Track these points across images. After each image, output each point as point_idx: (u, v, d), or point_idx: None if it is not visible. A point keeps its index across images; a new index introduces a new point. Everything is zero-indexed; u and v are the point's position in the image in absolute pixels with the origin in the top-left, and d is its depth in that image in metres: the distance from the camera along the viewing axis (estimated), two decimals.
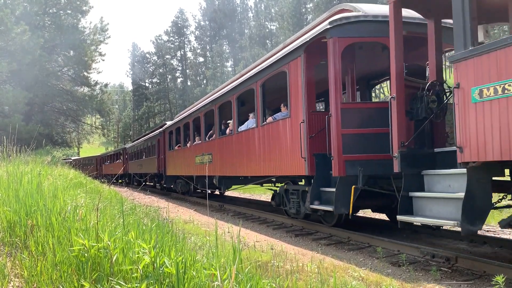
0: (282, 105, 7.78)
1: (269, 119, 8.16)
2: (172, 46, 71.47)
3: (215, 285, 2.34)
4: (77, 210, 3.96)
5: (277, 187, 8.94)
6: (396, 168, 5.08)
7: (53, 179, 6.22)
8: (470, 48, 4.03)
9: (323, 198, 6.66)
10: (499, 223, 4.54)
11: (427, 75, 6.18)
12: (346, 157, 5.97)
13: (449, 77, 7.54)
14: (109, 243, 2.67)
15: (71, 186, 6.92)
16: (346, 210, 6.03)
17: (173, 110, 63.76)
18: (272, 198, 9.00)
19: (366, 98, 8.97)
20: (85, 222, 3.55)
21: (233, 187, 12.14)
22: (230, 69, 66.89)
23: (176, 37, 71.54)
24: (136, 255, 2.67)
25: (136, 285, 2.41)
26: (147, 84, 71.52)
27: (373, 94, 20.37)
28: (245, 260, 3.79)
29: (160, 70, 70.62)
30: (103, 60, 54.82)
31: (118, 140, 67.64)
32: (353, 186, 5.95)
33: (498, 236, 6.39)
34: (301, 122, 6.70)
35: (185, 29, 72.57)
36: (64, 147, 43.06)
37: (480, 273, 4.40)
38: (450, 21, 4.83)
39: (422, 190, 4.99)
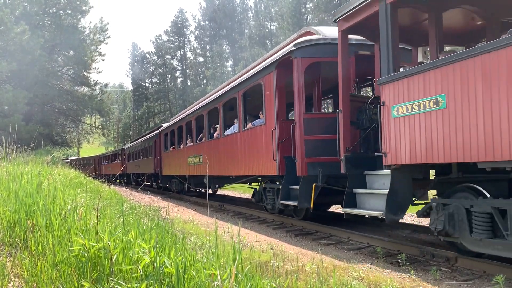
0: (260, 112, 8.58)
1: (249, 125, 9.04)
2: (172, 46, 71.42)
3: (215, 285, 2.34)
4: (77, 210, 3.96)
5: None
6: (342, 169, 6.07)
7: (53, 179, 6.22)
8: (391, 74, 5.02)
9: (291, 195, 7.60)
10: (416, 213, 5.32)
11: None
12: (308, 160, 6.92)
13: None
14: (109, 243, 2.68)
15: (71, 186, 6.92)
16: (308, 205, 6.97)
17: (173, 110, 63.74)
18: (253, 196, 10.06)
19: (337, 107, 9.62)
20: (85, 222, 3.55)
21: (226, 186, 12.90)
22: (230, 69, 66.87)
23: (176, 37, 71.50)
24: (136, 255, 2.67)
25: (136, 285, 2.41)
26: (147, 84, 71.47)
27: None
28: (245, 260, 3.79)
29: (160, 70, 70.56)
30: (103, 60, 54.92)
31: (118, 140, 67.60)
32: (314, 184, 6.85)
33: None
34: (273, 129, 7.66)
35: (185, 29, 72.53)
36: (64, 147, 43.07)
37: (480, 273, 4.40)
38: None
39: (365, 187, 5.86)
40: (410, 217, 9.14)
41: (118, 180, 28.71)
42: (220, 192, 16.80)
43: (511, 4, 5.55)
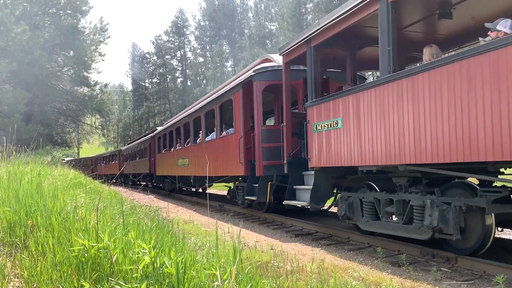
0: (233, 122, 9.89)
1: (224, 133, 10.60)
2: (172, 46, 71.42)
3: (215, 285, 2.34)
4: (77, 210, 3.96)
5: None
6: (285, 171, 7.65)
7: (53, 179, 6.22)
8: (313, 100, 6.75)
9: (254, 192, 9.04)
10: (330, 205, 7.29)
11: None
12: (264, 163, 8.51)
13: None
14: (109, 243, 2.67)
15: (71, 186, 6.92)
16: (265, 200, 8.66)
17: (173, 110, 63.70)
18: (228, 193, 11.72)
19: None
20: (85, 222, 3.55)
21: (214, 185, 13.98)
22: (230, 69, 66.86)
23: (176, 37, 71.49)
24: (136, 255, 2.66)
25: (136, 285, 2.40)
26: (147, 84, 71.46)
27: None
28: (245, 260, 3.79)
29: (160, 70, 70.55)
30: (103, 60, 54.91)
31: (118, 140, 67.56)
32: (269, 183, 8.44)
33: (497, 236, 6.39)
34: (240, 137, 9.17)
35: (185, 29, 72.53)
36: (64, 147, 43.06)
37: (480, 273, 4.40)
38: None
39: (303, 184, 7.40)
40: None
41: (115, 180, 29.15)
42: (209, 190, 17.64)
43: (411, 43, 6.77)
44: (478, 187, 4.64)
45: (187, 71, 71.49)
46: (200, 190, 16.05)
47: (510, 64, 3.71)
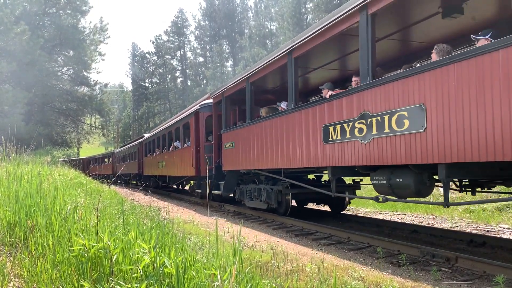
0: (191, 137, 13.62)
1: (185, 145, 14.35)
2: (172, 46, 71.44)
3: (215, 285, 2.34)
4: (77, 210, 3.96)
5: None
6: (213, 172, 11.41)
7: (53, 179, 6.21)
8: (224, 129, 10.56)
9: (200, 187, 13.38)
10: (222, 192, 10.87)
11: None
12: (207, 167, 11.66)
13: None
14: (109, 243, 2.67)
15: (71, 186, 6.91)
16: (204, 192, 12.84)
17: (173, 110, 63.71)
18: (189, 188, 16.50)
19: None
20: (85, 222, 3.55)
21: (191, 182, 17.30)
22: (230, 69, 66.85)
23: (176, 37, 71.52)
24: (136, 255, 2.66)
25: (136, 285, 2.40)
26: (147, 84, 71.47)
27: None
28: (245, 260, 3.79)
29: (160, 70, 70.59)
30: (103, 60, 54.86)
31: (118, 140, 67.52)
32: (210, 181, 11.48)
33: (498, 236, 6.39)
34: (193, 149, 12.89)
35: (185, 29, 72.55)
36: (64, 147, 43.04)
37: (480, 273, 4.40)
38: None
39: (222, 180, 10.84)
40: (410, 217, 9.14)
41: (108, 180, 31.04)
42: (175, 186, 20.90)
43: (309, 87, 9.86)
44: (281, 179, 8.12)
45: (187, 71, 71.48)
46: (175, 186, 20.44)
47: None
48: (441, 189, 6.09)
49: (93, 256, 2.73)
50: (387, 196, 5.41)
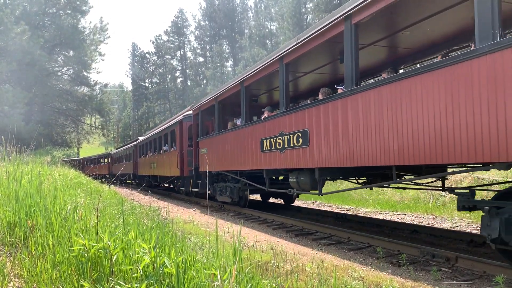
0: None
1: (172, 149, 16.20)
2: (172, 46, 71.37)
3: (215, 285, 2.34)
4: (77, 210, 3.96)
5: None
6: (193, 172, 13.12)
7: (53, 179, 6.21)
8: (200, 137, 12.73)
9: (184, 186, 14.91)
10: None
11: None
12: (188, 168, 14.03)
13: None
14: (109, 243, 2.67)
15: (71, 186, 6.91)
16: (189, 189, 14.16)
17: (173, 110, 63.66)
18: (174, 186, 18.17)
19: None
20: (85, 222, 3.55)
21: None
22: (230, 69, 66.81)
23: (176, 37, 71.45)
24: (136, 255, 2.66)
25: (136, 285, 2.40)
26: (147, 84, 71.43)
27: None
28: (245, 260, 3.78)
29: (160, 70, 70.53)
30: (103, 60, 54.84)
31: (118, 140, 67.51)
32: (191, 180, 13.46)
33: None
34: (178, 153, 14.79)
35: (185, 29, 72.48)
36: (64, 147, 43.02)
37: (480, 273, 4.40)
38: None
39: (200, 179, 12.60)
40: (410, 217, 9.14)
41: (104, 180, 31.95)
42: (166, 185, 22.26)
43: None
44: (242, 180, 10.20)
45: (187, 71, 71.43)
46: (166, 185, 21.95)
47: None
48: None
49: (93, 256, 2.73)
50: (296, 191, 7.50)
